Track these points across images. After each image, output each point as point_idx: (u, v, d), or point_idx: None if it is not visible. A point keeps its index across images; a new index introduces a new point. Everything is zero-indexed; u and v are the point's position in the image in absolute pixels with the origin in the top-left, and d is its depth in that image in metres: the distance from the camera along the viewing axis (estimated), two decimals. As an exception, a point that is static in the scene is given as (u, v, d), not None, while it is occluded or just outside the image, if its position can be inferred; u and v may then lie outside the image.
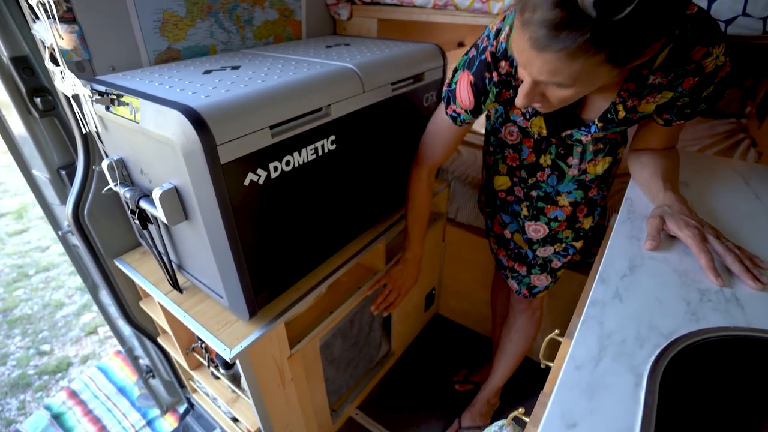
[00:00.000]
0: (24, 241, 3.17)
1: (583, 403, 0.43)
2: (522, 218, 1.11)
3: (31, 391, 1.98)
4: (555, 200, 1.04)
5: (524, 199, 1.07)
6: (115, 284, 1.18)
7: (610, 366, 0.48)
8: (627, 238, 0.72)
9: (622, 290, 0.60)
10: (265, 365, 0.97)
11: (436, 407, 1.58)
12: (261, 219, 0.82)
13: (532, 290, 1.21)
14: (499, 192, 1.13)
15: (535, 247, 1.13)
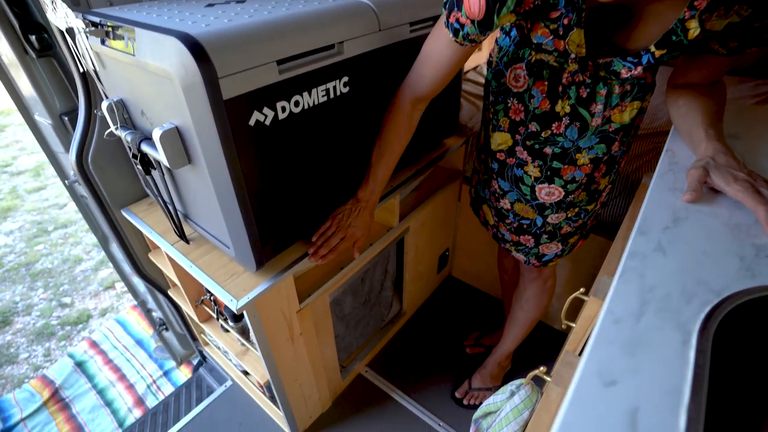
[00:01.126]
0: (42, 198, 3.21)
1: (623, 360, 0.38)
2: (528, 184, 0.97)
3: (55, 340, 2.05)
4: (574, 158, 0.89)
5: (534, 159, 0.92)
6: (123, 236, 1.16)
7: (654, 322, 0.42)
8: (669, 190, 0.65)
9: (665, 243, 0.53)
10: (274, 318, 0.95)
11: (446, 368, 1.57)
12: (268, 164, 0.76)
13: (541, 259, 1.11)
14: (497, 153, 0.97)
15: (547, 213, 0.99)
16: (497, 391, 0.75)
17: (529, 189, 0.97)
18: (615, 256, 0.79)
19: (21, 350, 2.00)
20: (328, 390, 1.37)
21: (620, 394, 0.36)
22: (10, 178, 3.49)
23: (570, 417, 0.34)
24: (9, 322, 2.15)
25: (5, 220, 2.95)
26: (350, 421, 1.41)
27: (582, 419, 0.34)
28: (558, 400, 0.53)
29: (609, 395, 0.36)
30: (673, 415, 0.33)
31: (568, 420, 0.34)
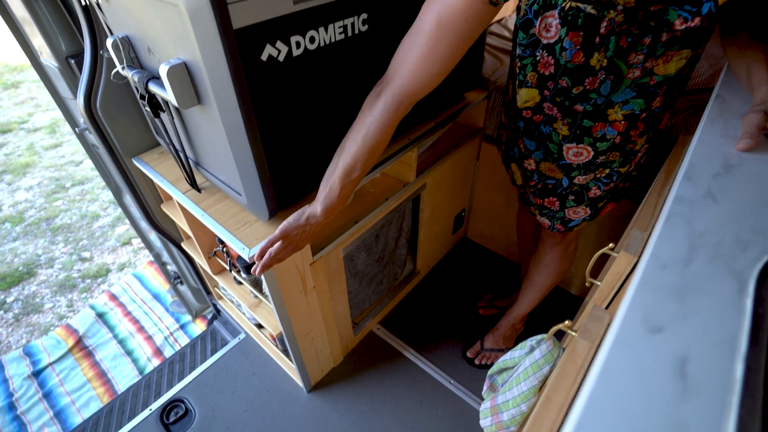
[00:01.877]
0: (59, 155, 3.24)
1: (671, 305, 0.35)
2: (556, 142, 0.90)
3: (77, 292, 2.11)
4: (605, 114, 0.81)
5: (564, 116, 0.85)
6: (136, 186, 1.14)
7: (704, 268, 0.38)
8: (719, 136, 0.59)
9: (715, 190, 0.48)
10: (287, 270, 0.93)
11: (458, 329, 1.57)
12: (281, 104, 0.72)
13: (567, 224, 1.05)
14: (523, 110, 0.91)
15: (574, 174, 0.93)
16: (515, 347, 0.73)
17: (556, 147, 0.91)
18: (648, 212, 0.74)
19: (46, 300, 2.06)
20: (339, 345, 1.39)
21: (667, 341, 0.32)
22: (27, 134, 3.50)
23: (612, 363, 0.31)
24: (33, 273, 2.21)
25: (24, 176, 2.99)
26: (361, 376, 1.43)
27: (625, 366, 0.31)
28: (585, 353, 0.50)
29: (655, 342, 0.32)
30: (727, 364, 0.30)
31: (609, 366, 0.31)
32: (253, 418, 1.33)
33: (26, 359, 1.73)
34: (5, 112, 3.80)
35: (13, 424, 1.51)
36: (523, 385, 0.65)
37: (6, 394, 1.60)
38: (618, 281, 0.65)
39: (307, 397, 1.38)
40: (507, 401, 0.70)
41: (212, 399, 1.39)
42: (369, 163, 0.73)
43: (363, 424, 1.31)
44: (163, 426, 1.34)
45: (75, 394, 1.60)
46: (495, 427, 0.74)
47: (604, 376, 0.30)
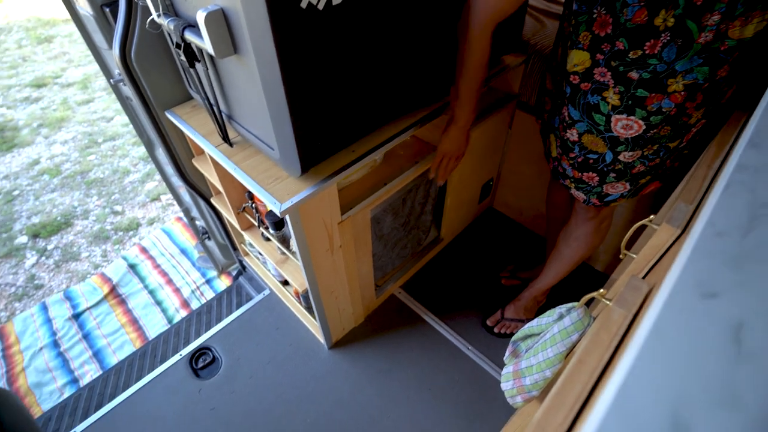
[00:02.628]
0: (91, 111, 3.30)
1: (726, 273, 0.33)
2: (604, 113, 0.84)
3: (110, 243, 2.20)
4: (664, 84, 0.73)
5: (616, 84, 0.78)
6: (168, 139, 1.16)
7: (766, 238, 0.36)
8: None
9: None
10: (315, 227, 0.94)
11: (479, 297, 1.57)
12: (318, 57, 0.70)
13: (603, 198, 1.01)
14: (571, 75, 0.84)
15: (620, 149, 0.87)
16: (542, 315, 0.73)
17: (603, 119, 0.85)
18: (695, 184, 0.70)
19: (82, 250, 2.16)
20: (361, 305, 1.41)
21: (722, 307, 0.31)
22: (61, 89, 3.58)
23: (662, 324, 0.30)
24: (70, 224, 2.32)
25: (60, 130, 3.07)
26: (381, 337, 1.46)
27: (676, 328, 0.30)
28: (621, 321, 0.49)
29: (708, 306, 0.31)
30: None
31: (660, 326, 0.30)
32: (276, 370, 1.39)
33: (67, 302, 1.84)
34: (40, 67, 3.88)
35: (57, 359, 1.63)
36: (549, 351, 0.65)
37: (50, 333, 1.72)
38: (657, 254, 0.63)
39: (328, 353, 1.43)
40: (531, 366, 0.70)
41: (237, 349, 1.46)
42: (480, 71, 0.88)
43: (381, 382, 1.35)
44: (192, 370, 1.41)
45: (110, 338, 1.70)
46: (516, 390, 0.75)
47: (654, 336, 0.29)
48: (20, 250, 2.14)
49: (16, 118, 3.18)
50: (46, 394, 1.52)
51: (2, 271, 2.03)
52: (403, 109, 1.01)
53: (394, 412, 1.28)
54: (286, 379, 1.37)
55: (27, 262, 2.08)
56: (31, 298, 1.91)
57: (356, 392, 1.33)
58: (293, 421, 1.27)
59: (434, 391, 1.33)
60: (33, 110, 3.28)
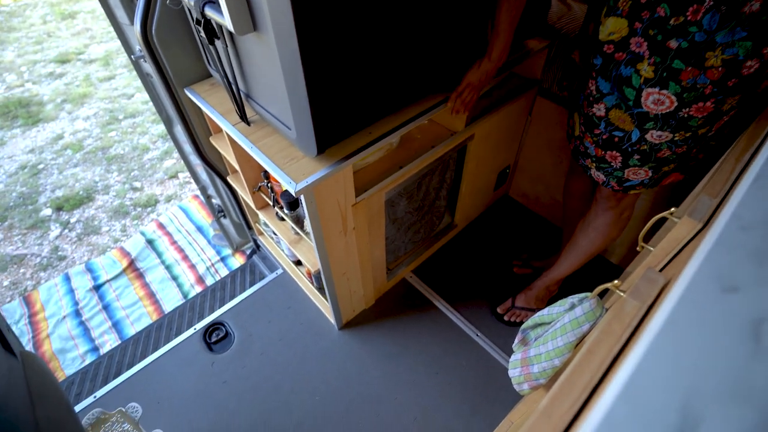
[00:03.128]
0: (112, 87, 3.35)
1: (748, 267, 0.32)
2: (635, 86, 0.80)
3: (129, 218, 2.26)
4: (702, 57, 0.71)
5: (652, 54, 0.75)
6: (187, 116, 1.17)
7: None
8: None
9: (814, 152, 0.43)
10: (329, 208, 0.95)
11: (490, 285, 1.57)
12: (338, 36, 0.69)
13: (623, 183, 0.98)
14: (605, 44, 0.82)
15: (649, 126, 0.84)
16: (554, 304, 0.72)
17: (634, 93, 0.82)
18: (722, 177, 0.68)
19: (103, 224, 2.22)
20: (372, 288, 1.43)
21: (742, 302, 0.30)
22: (84, 65, 3.63)
23: (678, 315, 0.29)
24: (92, 198, 2.38)
25: (82, 106, 3.13)
26: (391, 321, 1.48)
27: (692, 320, 0.29)
28: (634, 313, 0.49)
29: (728, 301, 0.30)
30: (809, 330, 0.28)
31: (675, 317, 0.29)
32: (287, 347, 1.43)
33: (88, 274, 1.90)
34: (64, 43, 3.93)
35: (79, 328, 1.69)
36: (559, 340, 0.65)
37: (73, 302, 1.78)
38: (676, 247, 0.62)
39: (338, 333, 1.45)
40: (539, 354, 0.70)
41: (250, 325, 1.49)
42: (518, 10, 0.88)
43: (389, 364, 1.37)
44: (205, 344, 1.46)
45: (129, 309, 1.76)
46: (524, 378, 0.75)
47: (670, 326, 0.29)
48: (45, 222, 2.21)
49: (41, 93, 3.24)
50: (69, 360, 1.59)
51: (28, 242, 2.11)
52: (422, 92, 1.00)
53: (401, 394, 1.30)
54: (296, 356, 1.40)
55: (51, 234, 2.15)
56: (55, 268, 1.98)
57: (364, 372, 1.35)
58: (302, 397, 1.30)
59: (441, 375, 1.34)
60: (57, 86, 3.34)
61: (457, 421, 1.24)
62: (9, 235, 2.15)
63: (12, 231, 2.17)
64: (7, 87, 3.32)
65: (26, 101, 3.15)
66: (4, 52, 3.78)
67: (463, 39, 0.96)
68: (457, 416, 1.25)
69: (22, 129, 2.89)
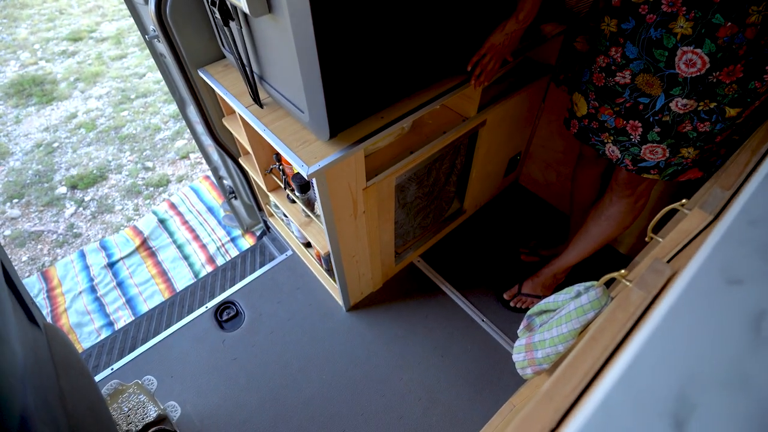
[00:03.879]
0: (124, 67, 3.35)
1: (754, 261, 0.33)
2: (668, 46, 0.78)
3: (141, 198, 2.29)
4: (745, 11, 0.68)
5: (690, 9, 0.73)
6: (200, 97, 1.17)
7: (801, 227, 0.35)
8: None
9: (830, 146, 0.43)
10: (340, 192, 0.96)
11: (497, 271, 1.58)
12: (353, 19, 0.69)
13: (637, 163, 0.97)
14: (641, 5, 0.80)
15: (676, 91, 0.82)
16: (560, 291, 0.73)
17: (666, 54, 0.80)
18: (736, 169, 0.67)
19: (116, 203, 2.26)
20: (380, 271, 1.45)
21: (745, 294, 0.31)
22: (96, 44, 3.63)
23: (682, 304, 0.30)
24: (105, 177, 2.41)
25: (95, 85, 3.14)
26: (398, 304, 1.50)
27: (696, 309, 0.30)
28: (639, 302, 0.49)
29: (731, 292, 0.31)
30: (810, 323, 0.29)
31: (679, 306, 0.30)
32: (295, 327, 1.46)
33: (102, 252, 1.95)
34: (76, 20, 3.93)
35: (95, 303, 1.75)
36: (564, 327, 0.66)
37: (88, 279, 1.84)
38: (685, 239, 0.62)
39: (346, 315, 1.48)
40: (544, 340, 0.71)
41: (260, 305, 1.53)
42: None
43: (395, 347, 1.40)
44: (217, 322, 1.50)
45: (142, 287, 1.80)
46: (527, 362, 0.77)
47: (673, 315, 0.30)
48: (60, 200, 2.26)
49: (54, 72, 3.26)
50: (86, 333, 1.64)
51: (45, 219, 2.16)
52: (434, 77, 0.99)
53: (406, 375, 1.33)
54: (304, 336, 1.43)
55: (66, 212, 2.20)
56: (71, 245, 2.03)
57: (371, 353, 1.38)
58: (309, 376, 1.34)
59: (446, 358, 1.37)
60: (70, 64, 3.35)
61: (461, 403, 1.27)
62: (27, 212, 2.20)
63: (29, 208, 2.22)
64: (21, 65, 3.34)
65: (40, 79, 3.18)
66: (18, 29, 3.79)
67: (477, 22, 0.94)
68: (460, 398, 1.28)
69: (37, 107, 2.92)
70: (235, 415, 1.28)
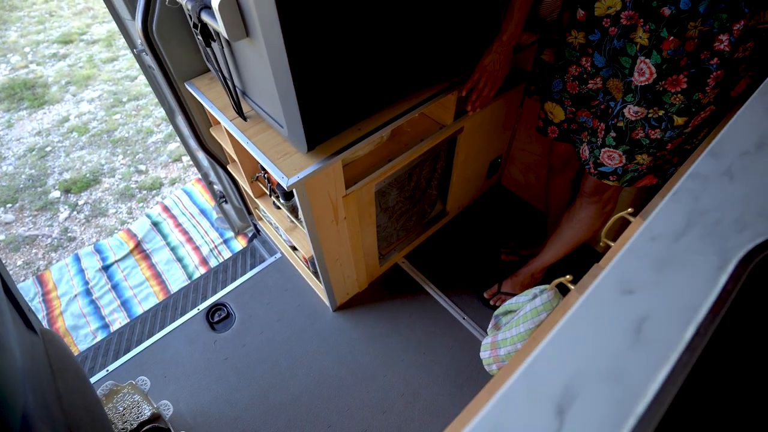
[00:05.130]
0: (116, 69, 3.37)
1: (648, 273, 0.39)
2: (631, 54, 0.85)
3: (135, 201, 2.33)
4: (684, 27, 0.75)
5: (646, 21, 0.80)
6: (188, 109, 1.22)
7: (694, 244, 0.41)
8: (765, 111, 0.57)
9: (736, 169, 0.49)
10: (321, 200, 1.01)
11: (478, 270, 1.64)
12: (325, 41, 0.74)
13: (598, 167, 1.02)
14: (604, 18, 0.87)
15: (629, 98, 0.88)
16: (522, 293, 0.79)
17: (630, 61, 0.87)
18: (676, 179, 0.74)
19: (110, 206, 2.30)
20: (365, 273, 1.50)
21: (634, 302, 0.37)
22: (87, 46, 3.64)
23: (579, 313, 0.36)
24: (98, 181, 2.45)
25: (87, 88, 3.17)
26: (382, 304, 1.56)
27: (589, 317, 0.36)
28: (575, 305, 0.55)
29: (623, 302, 0.37)
30: (681, 327, 0.34)
31: (576, 315, 0.36)
32: (284, 327, 1.52)
33: (97, 255, 1.99)
34: (66, 22, 3.94)
35: (90, 306, 1.80)
36: (521, 327, 0.72)
37: (83, 282, 1.88)
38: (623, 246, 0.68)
39: (332, 315, 1.54)
40: (506, 339, 0.77)
41: (250, 307, 1.58)
42: None
43: (379, 345, 1.46)
44: (208, 324, 1.55)
45: (136, 289, 1.85)
46: (492, 359, 0.83)
47: (571, 321, 0.35)
48: (54, 204, 2.30)
49: (45, 75, 3.28)
50: (82, 336, 1.69)
51: (39, 223, 2.20)
52: (411, 88, 1.04)
53: (390, 372, 1.40)
54: (293, 336, 1.49)
55: (60, 216, 2.24)
56: (66, 249, 2.07)
57: (356, 352, 1.44)
58: (297, 374, 1.40)
59: (429, 355, 1.43)
60: (61, 67, 3.37)
61: (441, 398, 1.34)
62: (20, 217, 2.24)
63: (23, 212, 2.26)
64: (12, 68, 3.36)
65: (31, 83, 3.20)
66: (8, 32, 3.80)
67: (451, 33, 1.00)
68: (441, 393, 1.35)
69: (29, 111, 2.94)
70: (225, 413, 1.33)
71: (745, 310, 0.37)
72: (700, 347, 0.32)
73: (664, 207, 0.44)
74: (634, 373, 0.32)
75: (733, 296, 0.36)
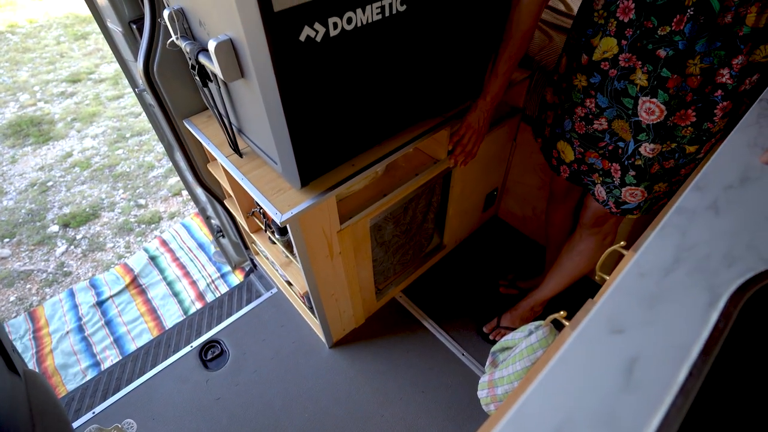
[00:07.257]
0: (121, 106, 3.47)
1: (638, 311, 0.38)
2: (632, 95, 0.87)
3: (133, 235, 2.33)
4: (684, 65, 0.78)
5: (644, 63, 0.82)
6: (186, 145, 1.24)
7: (683, 280, 0.40)
8: (747, 145, 0.58)
9: (722, 203, 0.49)
10: (315, 235, 1.01)
11: (477, 304, 1.62)
12: (317, 83, 0.76)
13: (620, 206, 1.03)
14: (601, 62, 0.89)
15: (642, 137, 0.89)
16: (518, 329, 0.77)
17: (632, 102, 0.88)
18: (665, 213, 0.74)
19: (107, 240, 2.30)
20: (362, 308, 1.48)
21: (624, 342, 0.36)
22: (94, 84, 3.76)
23: (568, 355, 0.35)
24: (98, 215, 2.46)
25: (91, 125, 3.24)
26: (380, 340, 1.53)
27: (579, 359, 0.35)
28: (571, 342, 0.54)
29: (613, 342, 0.36)
30: (673, 369, 0.33)
31: (566, 357, 0.35)
32: (279, 365, 1.48)
33: (92, 290, 1.97)
34: (76, 63, 4.08)
35: (82, 343, 1.76)
36: (518, 365, 0.70)
37: (76, 318, 1.85)
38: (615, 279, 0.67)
39: (329, 352, 1.50)
40: (503, 377, 0.75)
41: (244, 343, 1.55)
42: (523, 42, 0.96)
43: (377, 382, 1.41)
44: (201, 362, 1.51)
45: (131, 325, 1.82)
46: (490, 398, 0.80)
47: (560, 363, 0.34)
48: (52, 239, 2.30)
49: (52, 112, 3.37)
50: (71, 375, 1.65)
51: (35, 258, 2.19)
52: (404, 124, 1.07)
53: (388, 411, 1.35)
54: (288, 374, 1.45)
55: (58, 250, 2.23)
56: (60, 284, 2.05)
57: (353, 390, 1.40)
58: (292, 415, 1.35)
59: (427, 393, 1.38)
60: (68, 104, 3.47)
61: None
62: (17, 251, 2.23)
63: (20, 247, 2.26)
64: (20, 106, 3.45)
65: (38, 120, 3.28)
66: (19, 72, 3.93)
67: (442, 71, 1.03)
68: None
69: (33, 147, 3.00)
70: (216, 457, 1.28)
71: (737, 349, 0.36)
72: (694, 390, 0.31)
73: (652, 242, 0.44)
74: (626, 417, 0.30)
75: (725, 334, 0.35)
